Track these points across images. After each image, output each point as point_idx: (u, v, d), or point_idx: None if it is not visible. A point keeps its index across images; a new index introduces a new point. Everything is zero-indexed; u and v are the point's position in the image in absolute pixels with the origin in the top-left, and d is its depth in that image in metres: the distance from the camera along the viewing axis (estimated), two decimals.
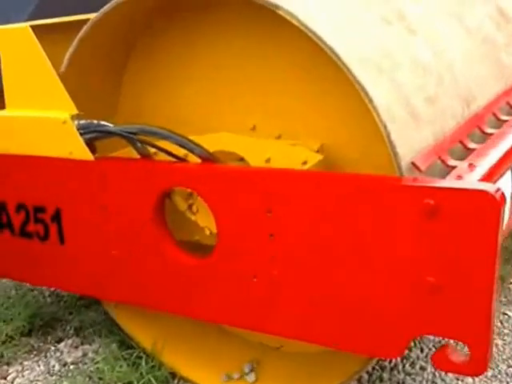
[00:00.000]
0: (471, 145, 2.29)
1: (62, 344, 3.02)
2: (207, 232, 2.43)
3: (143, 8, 2.52)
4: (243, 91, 2.53)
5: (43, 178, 2.63)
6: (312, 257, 2.11)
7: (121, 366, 2.70)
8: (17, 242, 2.77)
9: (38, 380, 2.81)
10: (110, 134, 2.43)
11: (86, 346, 2.99)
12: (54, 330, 3.13)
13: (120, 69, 2.80)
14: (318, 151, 2.34)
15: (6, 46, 2.61)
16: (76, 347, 3.00)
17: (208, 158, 2.34)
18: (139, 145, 2.41)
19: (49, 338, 3.08)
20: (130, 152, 2.47)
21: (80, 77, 2.59)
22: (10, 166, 2.72)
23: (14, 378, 2.84)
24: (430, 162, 2.08)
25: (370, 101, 2.02)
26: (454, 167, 2.10)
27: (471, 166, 2.07)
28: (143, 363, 2.71)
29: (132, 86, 2.81)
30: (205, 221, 2.43)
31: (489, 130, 2.45)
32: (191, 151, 2.33)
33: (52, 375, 2.83)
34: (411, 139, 2.12)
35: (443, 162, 2.13)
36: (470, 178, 1.99)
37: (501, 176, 2.15)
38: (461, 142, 2.29)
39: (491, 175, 2.07)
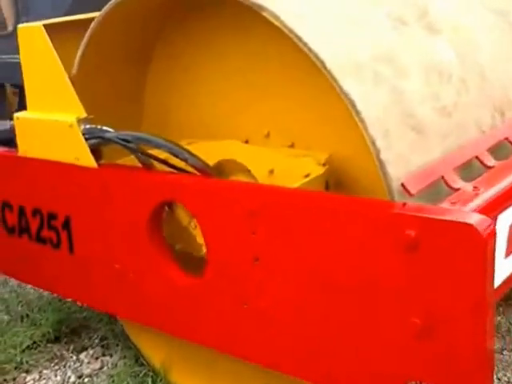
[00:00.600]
0: (490, 162, 1.99)
1: (84, 354, 2.94)
2: (204, 249, 2.26)
3: (153, 6, 2.38)
4: (258, 96, 2.37)
5: (55, 183, 2.56)
6: (296, 286, 1.90)
7: None
8: (34, 246, 2.70)
9: None
10: (107, 140, 2.30)
11: (107, 358, 2.89)
12: (80, 338, 3.05)
13: (140, 71, 2.67)
14: (324, 163, 2.13)
15: (24, 44, 2.56)
16: (96, 358, 2.91)
17: (203, 168, 2.18)
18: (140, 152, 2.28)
19: (73, 346, 3.00)
20: (134, 160, 2.35)
21: (94, 79, 2.50)
22: (28, 169, 2.66)
23: None
24: (427, 183, 1.82)
25: (358, 113, 1.80)
26: (457, 189, 1.83)
27: (476, 189, 1.79)
28: (150, 382, 2.58)
29: (155, 88, 2.69)
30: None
31: None
32: (185, 161, 2.18)
33: None
34: (411, 157, 1.86)
35: (446, 182, 1.86)
36: (466, 206, 1.71)
37: None
38: (478, 159, 1.99)
39: (499, 202, 1.78)
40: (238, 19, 2.25)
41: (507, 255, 1.86)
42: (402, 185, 1.77)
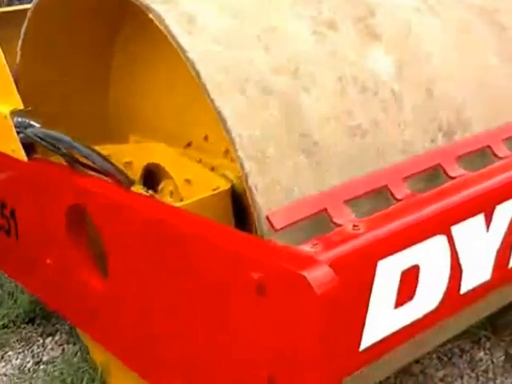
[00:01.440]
0: (400, 194, 1.75)
1: (50, 339, 2.94)
2: None
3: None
4: (197, 97, 2.19)
5: (2, 174, 2.53)
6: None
7: (63, 381, 2.53)
8: None
9: (5, 375, 2.75)
10: (28, 136, 2.22)
11: (69, 346, 2.88)
12: (51, 322, 3.04)
13: (103, 64, 2.58)
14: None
15: None
16: (60, 345, 2.90)
17: (111, 172, 2.05)
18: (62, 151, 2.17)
19: (42, 329, 3.01)
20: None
21: (43, 70, 2.43)
22: None
23: None
24: (300, 217, 1.61)
25: (228, 131, 1.62)
26: (339, 226, 1.62)
27: (355, 228, 1.56)
28: (85, 381, 2.52)
29: (118, 82, 2.62)
30: None
31: (454, 173, 1.86)
32: (93, 163, 2.06)
33: (20, 373, 2.76)
34: (295, 185, 1.66)
35: (330, 217, 1.64)
36: (330, 250, 1.49)
37: (410, 245, 1.60)
38: (387, 188, 1.76)
39: (381, 246, 1.55)
40: None
41: (398, 305, 1.62)
42: (267, 217, 1.58)
